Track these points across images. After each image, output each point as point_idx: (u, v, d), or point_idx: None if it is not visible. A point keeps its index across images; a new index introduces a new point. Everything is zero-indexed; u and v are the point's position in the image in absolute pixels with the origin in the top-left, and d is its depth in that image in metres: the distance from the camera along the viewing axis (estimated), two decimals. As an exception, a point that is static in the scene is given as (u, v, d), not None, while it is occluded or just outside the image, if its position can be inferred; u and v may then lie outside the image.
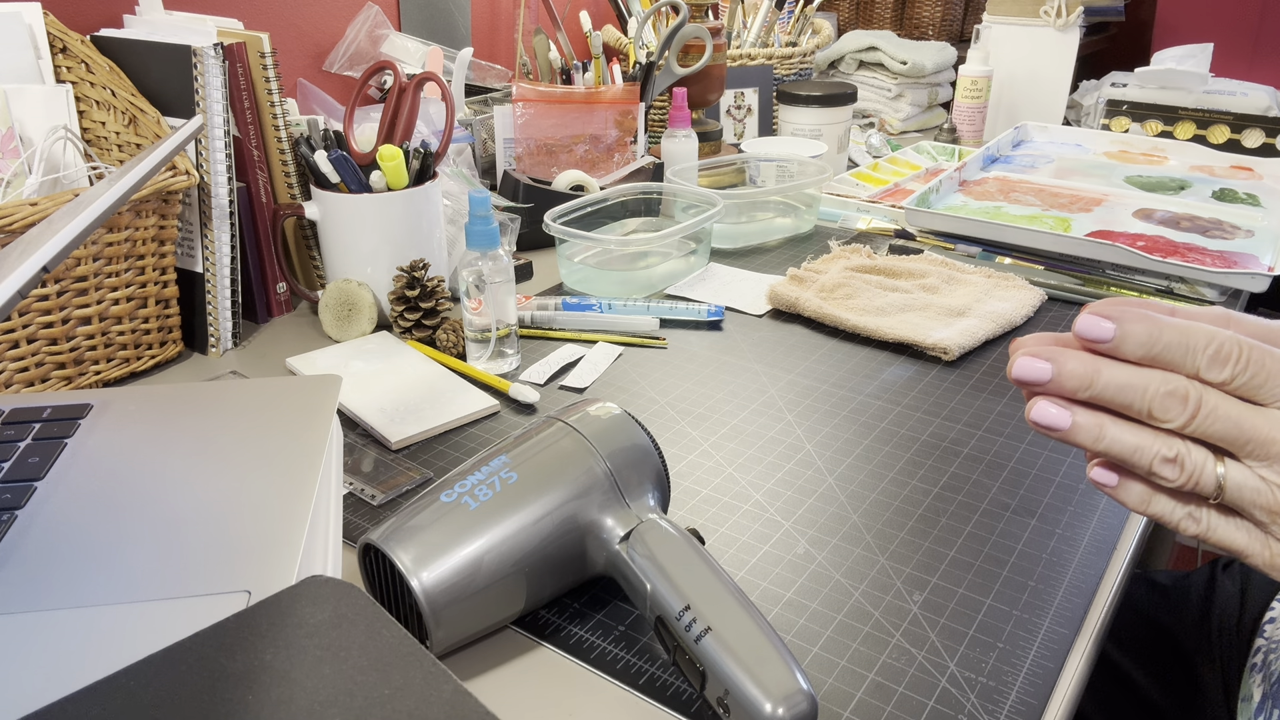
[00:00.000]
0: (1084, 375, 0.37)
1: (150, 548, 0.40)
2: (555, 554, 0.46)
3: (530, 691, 0.45)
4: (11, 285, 0.39)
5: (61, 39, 0.76)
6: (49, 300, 0.67)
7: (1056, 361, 0.37)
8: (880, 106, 1.54)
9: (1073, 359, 0.37)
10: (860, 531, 0.56)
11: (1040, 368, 0.37)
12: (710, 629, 0.40)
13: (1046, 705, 0.44)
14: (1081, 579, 0.52)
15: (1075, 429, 0.37)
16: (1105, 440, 0.37)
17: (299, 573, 0.38)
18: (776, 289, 0.85)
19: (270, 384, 0.54)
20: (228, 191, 0.75)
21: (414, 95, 0.81)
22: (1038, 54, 1.47)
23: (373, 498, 0.58)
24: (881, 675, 0.45)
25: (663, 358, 0.77)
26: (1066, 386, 0.37)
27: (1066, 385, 0.37)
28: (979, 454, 0.64)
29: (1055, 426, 0.38)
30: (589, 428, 0.49)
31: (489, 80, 1.22)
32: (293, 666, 0.30)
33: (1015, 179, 1.19)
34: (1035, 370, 0.37)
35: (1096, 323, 0.36)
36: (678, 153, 1.09)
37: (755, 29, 1.39)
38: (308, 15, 1.07)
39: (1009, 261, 0.95)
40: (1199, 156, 1.27)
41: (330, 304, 0.80)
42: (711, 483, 0.60)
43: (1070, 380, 0.37)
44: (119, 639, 0.35)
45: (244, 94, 0.77)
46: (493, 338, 0.72)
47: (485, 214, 0.69)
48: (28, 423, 0.49)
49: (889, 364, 0.76)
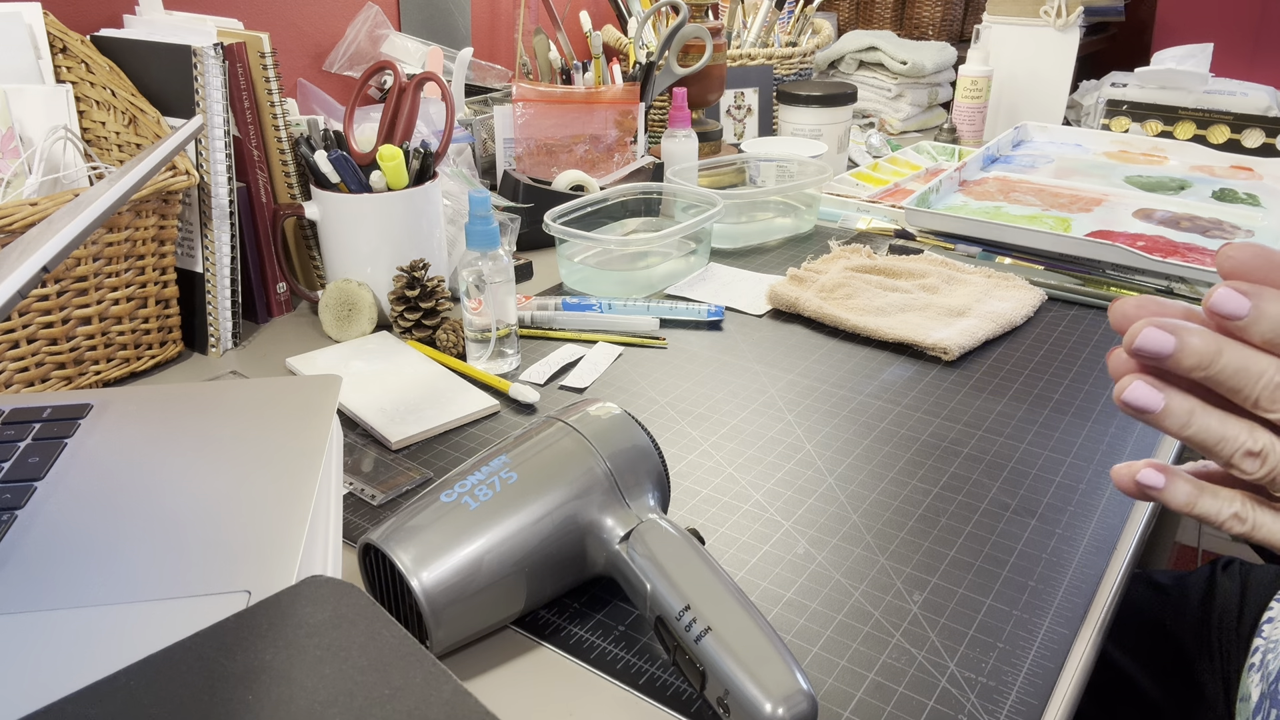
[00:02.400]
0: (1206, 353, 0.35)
1: (150, 548, 0.40)
2: (555, 554, 0.46)
3: (530, 691, 0.45)
4: (11, 285, 0.39)
5: (61, 39, 0.76)
6: (49, 300, 0.67)
7: (1180, 335, 0.35)
8: (880, 106, 1.54)
9: (1196, 335, 0.35)
10: (860, 531, 0.56)
11: (1165, 340, 0.35)
12: (710, 629, 0.40)
13: (1046, 705, 0.44)
14: (1081, 579, 0.52)
15: (1166, 413, 0.36)
16: (1193, 427, 0.36)
17: (299, 573, 0.38)
18: (776, 289, 0.85)
19: (270, 384, 0.54)
20: (228, 191, 0.75)
21: (414, 95, 0.81)
22: (1038, 54, 1.47)
23: (373, 498, 0.58)
24: (881, 675, 0.45)
25: (663, 358, 0.77)
26: (1185, 363, 0.35)
27: (1186, 361, 0.35)
28: (979, 454, 0.64)
29: (1149, 408, 0.36)
30: (589, 428, 0.49)
31: (489, 80, 1.22)
32: (293, 666, 0.30)
33: (1015, 179, 1.19)
34: (1159, 341, 0.35)
35: (1234, 298, 0.35)
36: (678, 153, 1.09)
37: (755, 29, 1.39)
38: (308, 15, 1.07)
39: (1009, 261, 0.95)
40: (1199, 156, 1.27)
41: (330, 304, 0.80)
42: (711, 483, 0.61)
43: (1191, 357, 0.35)
44: (119, 639, 0.35)
45: (244, 94, 0.77)
46: (493, 338, 0.72)
47: (485, 214, 0.69)
48: (28, 423, 0.49)
49: (889, 364, 0.76)
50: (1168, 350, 0.35)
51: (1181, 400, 0.36)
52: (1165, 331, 0.35)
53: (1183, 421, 0.36)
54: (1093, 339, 0.81)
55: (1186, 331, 0.35)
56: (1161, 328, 0.35)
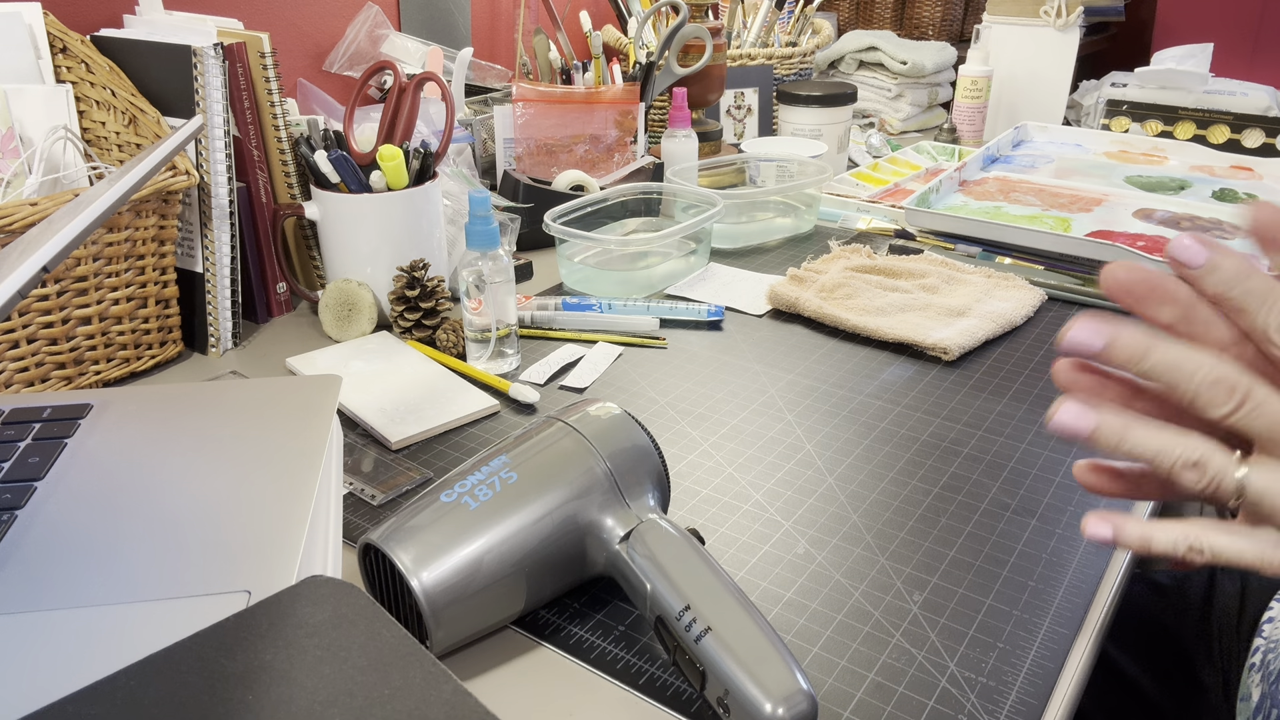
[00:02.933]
0: (1137, 348, 0.35)
1: (150, 548, 0.40)
2: (555, 554, 0.46)
3: (530, 691, 0.45)
4: (11, 285, 0.39)
5: (61, 39, 0.76)
6: (49, 300, 0.67)
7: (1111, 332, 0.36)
8: (880, 106, 1.54)
9: (1128, 332, 0.36)
10: (860, 531, 0.56)
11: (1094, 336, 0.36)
12: (710, 629, 0.40)
13: (1046, 705, 0.44)
14: (1081, 579, 0.52)
15: (1098, 434, 0.36)
16: (1129, 443, 0.36)
17: (299, 573, 0.38)
18: (776, 289, 0.85)
19: (270, 384, 0.54)
20: (228, 191, 0.75)
21: (414, 95, 0.81)
22: (1038, 54, 1.47)
23: (373, 498, 0.58)
24: (881, 675, 0.45)
25: (663, 358, 0.77)
26: (1116, 359, 0.36)
27: (1118, 356, 0.36)
28: (979, 454, 0.64)
29: (1078, 433, 0.36)
30: (589, 428, 0.49)
31: (489, 80, 1.22)
32: (293, 666, 0.30)
33: (1015, 179, 1.19)
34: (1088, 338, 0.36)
35: (1192, 246, 0.35)
36: (678, 153, 1.09)
37: (755, 29, 1.39)
38: (308, 15, 1.07)
39: (1009, 261, 0.95)
40: (1199, 156, 1.27)
41: (330, 304, 0.80)
42: (711, 483, 0.60)
43: (1123, 351, 0.36)
44: (119, 639, 0.35)
45: (244, 94, 0.77)
46: (493, 338, 0.72)
47: (485, 214, 0.69)
48: (28, 423, 0.49)
49: (889, 364, 0.76)
50: (1098, 345, 0.36)
51: (1112, 419, 0.36)
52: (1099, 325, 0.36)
53: (1118, 438, 0.36)
54: (1093, 339, 0.80)
55: (1119, 330, 0.35)
56: (1093, 323, 0.36)
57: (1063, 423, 0.37)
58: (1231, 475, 0.35)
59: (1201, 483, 0.36)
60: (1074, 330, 0.36)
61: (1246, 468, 0.35)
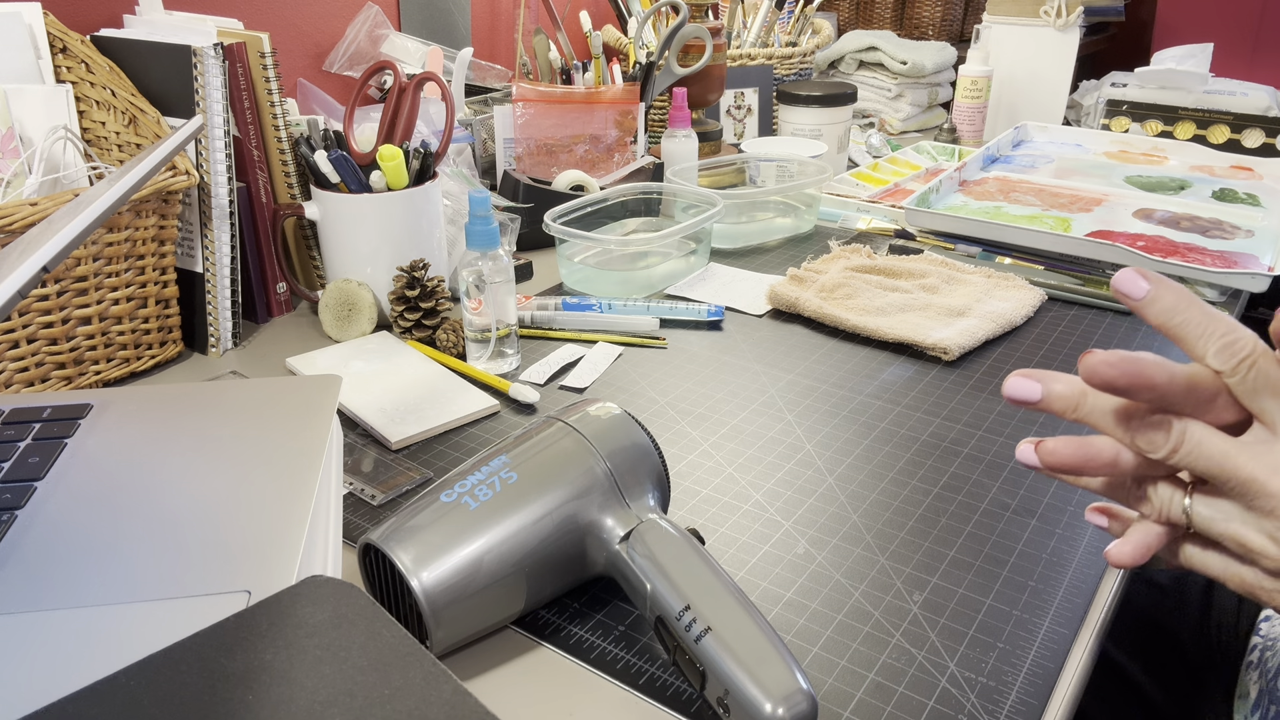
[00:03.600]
0: (1070, 398, 0.38)
1: (150, 548, 0.40)
2: (555, 554, 0.46)
3: (530, 691, 0.45)
4: (11, 285, 0.39)
5: (61, 39, 0.76)
6: (49, 300, 0.67)
7: (1045, 383, 0.39)
8: (880, 106, 1.54)
9: (1060, 382, 0.38)
10: (860, 531, 0.56)
11: (1030, 387, 0.39)
12: (710, 629, 0.40)
13: (1046, 705, 0.44)
14: (1081, 579, 0.52)
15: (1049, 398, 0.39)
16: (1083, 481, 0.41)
17: (299, 573, 0.38)
18: (776, 289, 0.85)
19: (270, 384, 0.54)
20: (228, 191, 0.75)
21: (414, 95, 0.81)
22: (1038, 54, 1.47)
23: (373, 498, 0.58)
24: (881, 675, 0.45)
25: (663, 358, 0.77)
26: (1054, 407, 0.39)
27: (1054, 406, 0.39)
28: (979, 454, 0.64)
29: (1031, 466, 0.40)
30: (589, 428, 0.49)
31: (489, 80, 1.22)
32: (293, 666, 0.30)
33: (1015, 179, 1.19)
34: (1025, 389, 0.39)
35: (1134, 279, 0.37)
36: (678, 153, 1.09)
37: (755, 29, 1.39)
38: (308, 15, 1.07)
39: (1009, 261, 0.95)
40: (1199, 156, 1.27)
41: (330, 304, 0.80)
42: (711, 483, 0.60)
43: (1057, 402, 0.38)
44: (119, 639, 0.35)
45: (244, 94, 0.77)
46: (493, 338, 0.72)
47: (485, 214, 0.69)
48: (28, 423, 0.49)
49: (889, 364, 0.76)
50: (1035, 397, 0.39)
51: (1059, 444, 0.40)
52: (1032, 380, 0.39)
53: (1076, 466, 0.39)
54: (1092, 339, 0.81)
55: (1051, 379, 0.39)
56: (1029, 377, 0.39)
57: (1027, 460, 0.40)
58: (1179, 504, 0.38)
59: (1153, 514, 0.39)
60: (1010, 385, 0.39)
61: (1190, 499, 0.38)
